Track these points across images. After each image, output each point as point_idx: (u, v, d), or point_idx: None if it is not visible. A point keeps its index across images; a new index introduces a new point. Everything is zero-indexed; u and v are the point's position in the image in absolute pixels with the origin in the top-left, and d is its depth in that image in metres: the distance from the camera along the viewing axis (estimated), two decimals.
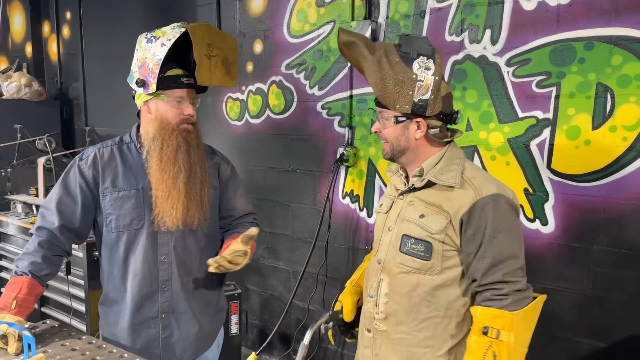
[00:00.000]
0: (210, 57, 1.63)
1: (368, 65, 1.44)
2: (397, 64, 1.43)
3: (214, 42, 1.64)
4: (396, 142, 1.52)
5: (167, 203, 1.65)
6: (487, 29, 2.41)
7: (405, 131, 1.50)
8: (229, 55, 1.69)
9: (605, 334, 2.23)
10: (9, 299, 1.56)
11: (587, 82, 2.18)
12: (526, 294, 1.41)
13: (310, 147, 3.14)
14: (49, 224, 1.68)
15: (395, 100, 1.44)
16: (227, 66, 1.69)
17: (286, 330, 3.29)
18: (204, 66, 1.62)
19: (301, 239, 3.25)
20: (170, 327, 1.75)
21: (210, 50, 1.62)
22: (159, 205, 1.66)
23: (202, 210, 1.71)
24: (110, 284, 1.75)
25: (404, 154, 1.54)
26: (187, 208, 1.67)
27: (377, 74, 1.43)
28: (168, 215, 1.65)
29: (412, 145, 1.52)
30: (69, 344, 1.56)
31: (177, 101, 1.67)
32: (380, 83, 1.44)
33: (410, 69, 1.44)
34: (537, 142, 2.32)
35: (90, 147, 1.79)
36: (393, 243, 1.55)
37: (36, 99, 4.40)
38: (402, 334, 1.52)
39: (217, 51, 1.65)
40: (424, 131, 1.51)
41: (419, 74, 1.44)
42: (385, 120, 1.53)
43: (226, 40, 1.70)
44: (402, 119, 1.48)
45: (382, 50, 1.46)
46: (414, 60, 1.45)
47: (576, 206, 2.25)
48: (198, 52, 1.59)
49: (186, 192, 1.66)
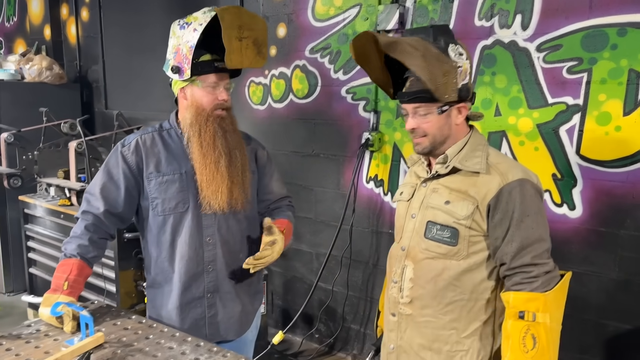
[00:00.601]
0: (242, 39, 1.63)
1: (416, 62, 1.42)
2: (438, 55, 1.44)
3: (244, 24, 1.64)
4: (440, 132, 1.52)
5: (212, 187, 1.70)
6: (518, 14, 2.40)
7: (448, 119, 1.52)
8: (260, 36, 1.69)
9: (630, 316, 2.27)
10: (61, 281, 1.61)
11: (619, 69, 2.18)
12: (554, 273, 1.45)
13: (334, 132, 3.16)
14: (94, 209, 1.73)
15: (444, 91, 1.44)
16: (258, 47, 1.69)
17: (309, 311, 3.36)
18: (235, 49, 1.62)
19: (324, 223, 3.30)
20: (215, 306, 1.81)
21: (241, 32, 1.63)
22: (204, 190, 1.71)
23: (244, 192, 1.77)
24: (158, 266, 1.80)
25: (444, 144, 1.55)
26: (230, 191, 1.72)
27: (427, 68, 1.41)
28: (214, 199, 1.70)
29: (452, 132, 1.55)
30: (120, 323, 1.61)
31: (211, 87, 1.69)
32: (433, 77, 1.42)
33: (449, 57, 1.46)
34: (567, 128, 2.34)
35: (132, 134, 1.82)
36: (417, 230, 1.58)
37: (57, 82, 4.43)
38: (427, 317, 1.56)
39: (248, 33, 1.65)
40: (464, 115, 1.55)
41: (457, 60, 1.47)
42: (426, 114, 1.51)
43: (257, 21, 1.69)
44: (445, 108, 1.50)
45: (422, 45, 1.45)
46: (447, 49, 1.47)
47: (604, 192, 2.28)
48: (227, 36, 1.59)
49: (229, 175, 1.71)
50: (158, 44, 4.03)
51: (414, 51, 1.41)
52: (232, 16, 1.61)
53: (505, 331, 1.44)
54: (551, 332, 1.40)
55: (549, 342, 1.39)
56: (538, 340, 1.38)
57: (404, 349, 1.62)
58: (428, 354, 1.57)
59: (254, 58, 1.68)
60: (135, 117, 4.24)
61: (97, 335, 1.44)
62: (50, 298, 1.59)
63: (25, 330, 1.55)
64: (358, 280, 3.21)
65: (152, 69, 4.13)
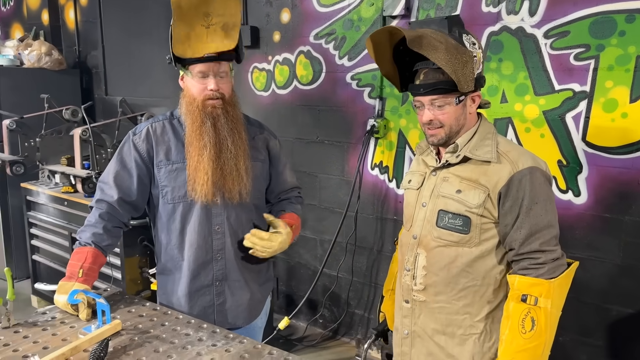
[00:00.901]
0: (209, 26, 1.57)
1: (442, 55, 1.40)
2: (456, 46, 1.44)
3: (213, 10, 1.57)
4: (456, 123, 1.53)
5: (196, 177, 1.69)
6: (526, 0, 2.39)
7: (464, 109, 1.53)
8: (230, 20, 1.61)
9: (633, 300, 2.31)
10: (76, 268, 1.62)
11: (626, 55, 2.18)
12: (561, 261, 1.48)
13: (339, 118, 3.16)
14: (108, 197, 1.74)
15: (464, 82, 1.44)
16: (226, 30, 1.61)
17: (313, 296, 3.39)
18: (199, 36, 1.55)
19: (328, 209, 3.31)
20: (223, 294, 1.82)
21: (208, 19, 1.57)
22: (189, 180, 1.71)
23: (240, 182, 1.74)
24: (168, 254, 1.81)
25: (458, 133, 1.56)
26: (221, 183, 1.71)
27: (450, 61, 1.41)
28: (197, 190, 1.69)
29: (467, 121, 1.56)
30: (135, 310, 1.63)
31: (199, 76, 1.65)
32: (456, 69, 1.42)
33: (466, 48, 1.46)
34: (573, 115, 2.35)
35: (142, 122, 1.82)
36: (428, 218, 1.60)
37: (56, 68, 4.38)
38: (441, 303, 1.59)
39: (217, 19, 1.58)
40: (477, 103, 1.56)
41: (472, 50, 1.47)
42: (444, 105, 1.51)
43: (228, 5, 1.60)
44: (462, 97, 1.50)
45: (442, 37, 1.44)
46: (462, 39, 1.47)
47: (610, 178, 2.30)
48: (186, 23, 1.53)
49: (214, 167, 1.68)
50: (158, 29, 4.00)
51: (439, 45, 1.40)
52: (193, 2, 1.54)
53: (507, 311, 1.48)
54: (551, 317, 1.44)
55: (547, 326, 1.43)
56: (537, 323, 1.43)
57: (418, 334, 1.66)
58: (442, 338, 1.60)
59: (222, 42, 1.61)
60: (136, 103, 4.22)
61: (114, 323, 1.46)
62: (66, 286, 1.60)
63: (41, 318, 1.56)
64: (362, 266, 3.24)
65: (153, 54, 4.11)
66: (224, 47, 1.62)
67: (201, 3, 1.55)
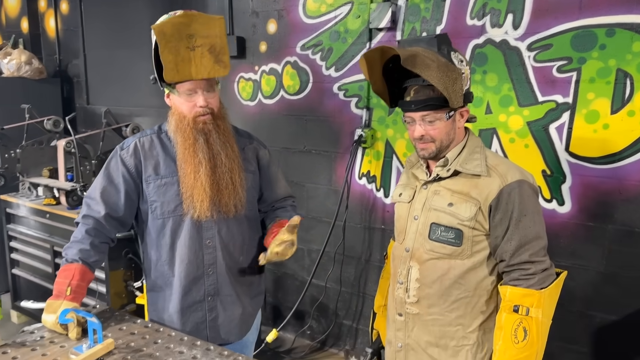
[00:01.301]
0: (194, 48, 1.53)
1: (434, 73, 1.44)
2: (446, 64, 1.47)
3: (196, 31, 1.53)
4: (447, 137, 1.56)
5: (194, 196, 1.67)
6: (509, 14, 2.45)
7: (453, 124, 1.57)
8: (217, 42, 1.58)
9: (617, 307, 2.36)
10: (64, 286, 1.59)
11: (607, 68, 2.24)
12: (550, 271, 1.52)
13: (326, 128, 3.17)
14: (95, 213, 1.71)
15: (456, 97, 1.48)
16: (215, 54, 1.58)
17: (301, 307, 3.37)
18: (186, 60, 1.52)
19: (316, 219, 3.31)
20: (215, 309, 1.80)
21: (192, 41, 1.53)
22: (187, 198, 1.69)
23: (236, 196, 1.73)
24: (158, 270, 1.78)
25: (448, 147, 1.59)
26: (217, 198, 1.69)
27: (442, 79, 1.44)
28: (197, 208, 1.68)
29: (456, 135, 1.59)
30: (126, 327, 1.61)
31: (187, 94, 1.63)
32: (447, 86, 1.45)
33: (454, 65, 1.50)
34: (556, 126, 2.40)
35: (130, 137, 1.80)
36: (421, 231, 1.62)
37: (37, 77, 4.31)
38: (434, 315, 1.61)
39: (201, 40, 1.54)
40: (466, 118, 1.60)
41: (460, 67, 1.51)
42: (434, 120, 1.53)
43: (211, 26, 1.57)
44: (451, 113, 1.54)
45: (433, 55, 1.47)
46: (451, 57, 1.51)
47: (593, 187, 2.35)
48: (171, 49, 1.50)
49: (212, 183, 1.67)
50: (142, 38, 3.96)
51: (431, 63, 1.43)
52: (177, 27, 1.51)
53: (499, 322, 1.51)
54: (542, 326, 1.48)
55: (538, 335, 1.47)
56: (529, 333, 1.46)
57: (411, 347, 1.67)
58: (435, 350, 1.62)
59: (212, 67, 1.58)
60: (120, 113, 4.18)
61: (107, 342, 1.43)
62: (54, 304, 1.56)
63: (29, 337, 1.53)
64: (350, 276, 3.24)
65: (137, 63, 4.07)
66: (215, 72, 1.60)
67: (184, 26, 1.52)
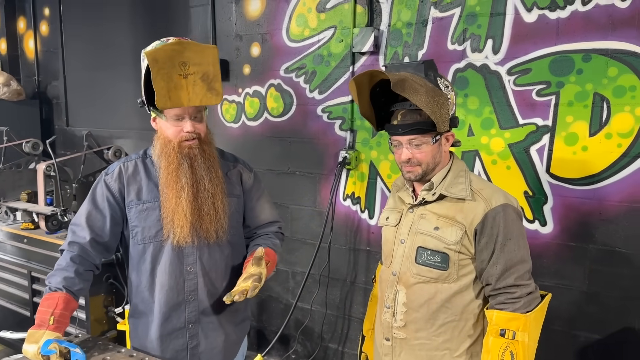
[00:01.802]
0: (187, 75, 1.53)
1: (422, 98, 1.46)
2: (434, 89, 1.51)
3: (188, 59, 1.53)
4: (432, 160, 1.58)
5: (174, 221, 1.66)
6: (489, 39, 2.51)
7: (439, 148, 1.59)
8: (210, 70, 1.57)
9: (600, 326, 2.39)
10: (47, 315, 1.55)
11: (584, 92, 2.31)
12: (535, 294, 1.54)
13: (310, 150, 3.18)
14: (80, 239, 1.68)
15: (442, 122, 1.51)
16: (208, 82, 1.57)
17: (286, 331, 3.33)
18: (178, 87, 1.52)
19: (300, 240, 3.30)
20: (197, 337, 1.76)
21: (185, 68, 1.53)
22: (167, 224, 1.67)
23: (218, 222, 1.71)
24: (139, 296, 1.75)
25: (434, 170, 1.61)
26: (198, 224, 1.68)
27: (430, 103, 1.47)
28: (176, 233, 1.66)
29: (442, 159, 1.61)
30: (110, 357, 1.56)
31: (174, 119, 1.62)
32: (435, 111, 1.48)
33: (441, 90, 1.53)
34: (537, 148, 2.45)
35: (115, 162, 1.78)
36: (407, 255, 1.63)
37: (15, 99, 4.25)
38: (421, 339, 1.61)
39: (194, 68, 1.54)
40: (451, 142, 1.63)
41: (447, 93, 1.55)
42: (421, 144, 1.56)
43: (204, 54, 1.57)
44: (438, 137, 1.56)
45: (421, 81, 1.51)
46: (437, 82, 1.54)
47: (573, 208, 2.40)
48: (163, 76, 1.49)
49: (193, 208, 1.65)
50: (123, 60, 3.95)
51: (420, 88, 1.46)
52: (169, 54, 1.50)
53: (486, 346, 1.51)
54: (528, 349, 1.49)
55: (525, 358, 1.48)
56: (516, 356, 1.47)
57: None
58: None
59: (205, 95, 1.57)
60: (100, 135, 4.13)
61: None
62: (36, 334, 1.52)
63: None
64: (336, 298, 3.22)
65: (117, 85, 4.05)
66: (207, 101, 1.59)
67: (176, 54, 1.52)
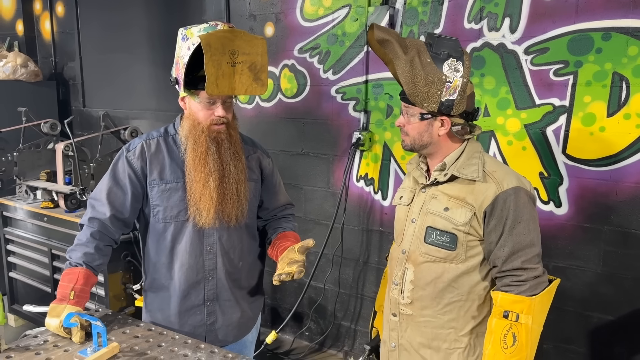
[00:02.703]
0: (235, 64, 1.54)
1: (401, 64, 1.48)
2: (428, 64, 1.49)
3: (238, 48, 1.54)
4: (419, 137, 1.59)
5: (200, 204, 1.68)
6: (506, 18, 2.47)
7: (429, 128, 1.57)
8: (258, 60, 1.58)
9: (613, 308, 2.39)
10: (67, 290, 1.59)
11: (603, 72, 2.27)
12: (542, 279, 1.53)
13: (324, 131, 3.18)
14: (100, 215, 1.71)
15: (424, 99, 1.50)
16: (255, 72, 1.58)
17: (300, 309, 3.38)
18: (225, 74, 1.52)
19: (314, 221, 3.32)
20: (214, 313, 1.81)
21: (234, 57, 1.53)
22: (192, 205, 1.70)
23: (239, 207, 1.74)
24: (157, 271, 1.79)
25: (426, 148, 1.62)
26: (221, 208, 1.70)
27: (409, 73, 1.48)
28: (202, 216, 1.69)
29: (434, 140, 1.60)
30: (129, 331, 1.61)
31: (207, 102, 1.64)
32: (412, 82, 1.49)
33: (441, 70, 1.50)
34: (553, 128, 2.43)
35: (136, 138, 1.80)
36: (417, 234, 1.64)
37: (32, 80, 4.30)
38: (427, 317, 1.63)
39: (243, 57, 1.55)
40: (447, 128, 1.58)
41: (448, 75, 1.50)
42: (410, 116, 1.58)
43: (253, 44, 1.57)
44: (427, 116, 1.55)
45: (414, 50, 1.50)
46: (444, 62, 1.50)
47: (589, 189, 2.38)
48: (214, 62, 1.49)
49: (219, 193, 1.68)
50: (138, 40, 3.97)
51: (401, 54, 1.47)
52: (222, 41, 1.51)
53: (490, 327, 1.52)
54: (531, 332, 1.49)
55: (527, 341, 1.48)
56: (518, 339, 1.47)
57: (404, 347, 1.68)
58: (427, 352, 1.63)
59: (250, 85, 1.58)
60: (117, 115, 4.17)
61: (112, 346, 1.44)
62: (57, 308, 1.57)
63: (33, 342, 1.53)
64: (349, 277, 3.25)
65: (133, 66, 4.07)
66: (253, 90, 1.60)
67: (228, 41, 1.52)
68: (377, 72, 2.92)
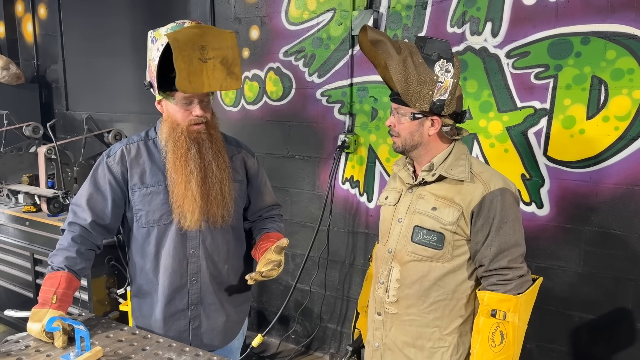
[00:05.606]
0: (206, 60, 1.50)
1: (394, 64, 1.51)
2: (420, 64, 1.52)
3: (208, 43, 1.51)
4: (410, 137, 1.61)
5: (184, 206, 1.67)
6: (488, 22, 2.51)
7: (420, 127, 1.59)
8: (229, 54, 1.55)
9: (593, 307, 2.43)
10: (49, 294, 1.57)
11: (582, 75, 2.32)
12: (527, 278, 1.56)
13: (310, 134, 3.19)
14: (81, 220, 1.70)
15: (416, 98, 1.53)
16: (227, 67, 1.55)
17: (285, 312, 3.38)
18: (197, 71, 1.49)
19: (300, 224, 3.33)
20: (199, 318, 1.80)
21: (205, 53, 1.50)
22: (176, 208, 1.68)
23: (224, 207, 1.73)
24: (143, 277, 1.78)
25: (416, 149, 1.63)
26: (206, 209, 1.69)
27: (402, 73, 1.50)
28: (187, 218, 1.67)
29: (424, 140, 1.62)
30: (113, 335, 1.60)
31: (183, 102, 1.62)
32: (405, 82, 1.51)
33: (432, 71, 1.52)
34: (535, 131, 2.47)
35: (117, 143, 1.78)
36: (404, 233, 1.65)
37: (14, 83, 4.25)
38: (412, 315, 1.64)
39: (213, 52, 1.52)
40: (437, 128, 1.60)
41: (439, 75, 1.53)
42: (401, 116, 1.60)
43: (223, 38, 1.55)
44: (418, 116, 1.57)
45: (407, 51, 1.53)
46: (436, 62, 1.53)
47: (570, 190, 2.42)
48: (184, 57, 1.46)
49: (202, 193, 1.67)
50: (121, 43, 3.94)
51: (394, 54, 1.49)
52: (190, 37, 1.48)
53: (477, 326, 1.55)
54: (518, 330, 1.52)
55: (515, 339, 1.51)
56: (505, 336, 1.50)
57: (388, 347, 1.70)
58: (412, 350, 1.65)
59: (225, 80, 1.55)
60: (100, 118, 4.14)
61: (95, 350, 1.43)
62: (39, 313, 1.55)
63: (14, 347, 1.51)
64: (335, 280, 3.26)
65: (116, 69, 4.04)
66: (228, 85, 1.57)
67: (196, 37, 1.50)
68: (362, 76, 2.94)
